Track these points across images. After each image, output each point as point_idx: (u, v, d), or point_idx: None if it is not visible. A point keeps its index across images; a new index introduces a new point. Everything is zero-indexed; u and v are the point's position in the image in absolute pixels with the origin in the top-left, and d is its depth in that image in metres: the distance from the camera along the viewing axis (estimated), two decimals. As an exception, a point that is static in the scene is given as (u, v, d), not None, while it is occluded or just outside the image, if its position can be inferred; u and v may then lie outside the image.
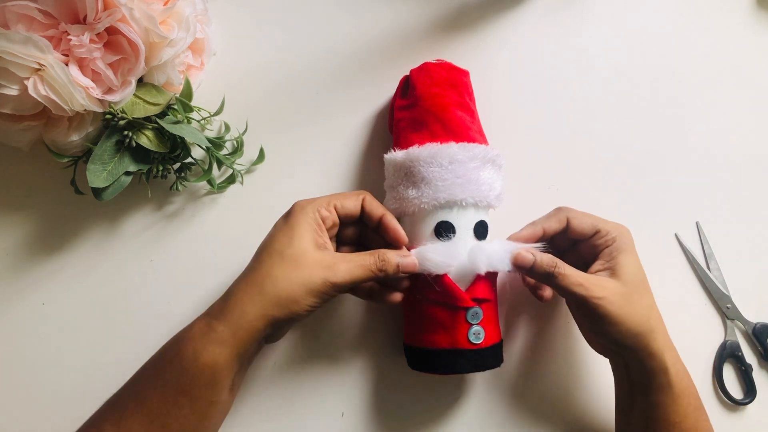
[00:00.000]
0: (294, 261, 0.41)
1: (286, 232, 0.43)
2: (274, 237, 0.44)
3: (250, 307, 0.40)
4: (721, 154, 0.59)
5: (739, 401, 0.56)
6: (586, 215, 0.49)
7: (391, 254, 0.45)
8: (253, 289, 0.41)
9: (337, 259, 0.43)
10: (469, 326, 0.47)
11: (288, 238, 0.42)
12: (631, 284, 0.45)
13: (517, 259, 0.45)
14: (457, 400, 0.55)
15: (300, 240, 0.42)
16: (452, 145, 0.47)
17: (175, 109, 0.51)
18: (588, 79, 0.59)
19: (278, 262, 0.41)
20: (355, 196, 0.47)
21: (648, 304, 0.46)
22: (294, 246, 0.42)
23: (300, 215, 0.44)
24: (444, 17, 0.58)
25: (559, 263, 0.45)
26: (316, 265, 0.42)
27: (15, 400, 0.52)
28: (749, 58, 0.60)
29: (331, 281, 0.42)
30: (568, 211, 0.49)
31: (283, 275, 0.41)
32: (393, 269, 0.45)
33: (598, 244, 0.48)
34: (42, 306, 0.53)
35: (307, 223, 0.43)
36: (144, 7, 0.46)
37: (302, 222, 0.43)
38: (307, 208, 0.44)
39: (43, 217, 0.54)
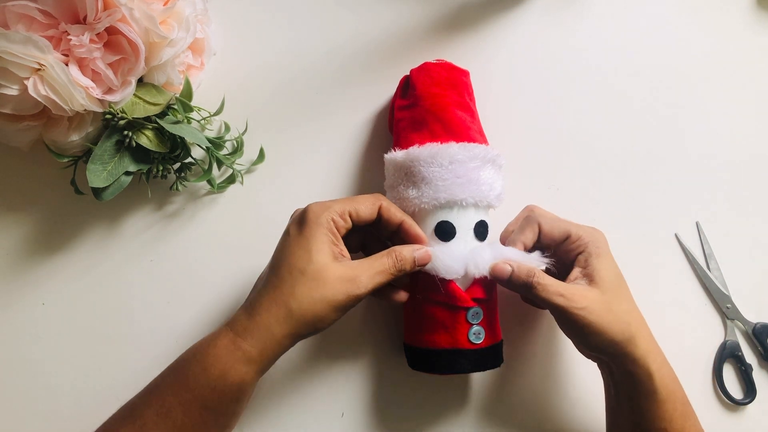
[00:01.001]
0: (316, 278, 0.41)
1: (303, 245, 0.42)
2: (291, 250, 0.43)
3: (277, 327, 0.40)
4: (721, 154, 0.59)
5: (739, 401, 0.56)
6: (556, 220, 0.48)
7: (406, 251, 0.45)
8: (279, 309, 0.41)
9: (356, 270, 0.43)
10: (470, 326, 0.47)
11: (306, 253, 0.42)
12: (610, 291, 0.45)
13: (495, 271, 0.45)
14: (457, 400, 0.55)
15: (318, 254, 0.42)
16: (452, 145, 0.47)
17: (175, 109, 0.51)
18: (588, 78, 0.59)
19: (300, 280, 0.41)
20: (370, 202, 0.46)
21: (627, 309, 0.46)
22: (314, 262, 0.41)
23: (315, 226, 0.43)
24: (444, 17, 0.58)
25: (538, 273, 0.44)
26: (338, 280, 0.41)
27: (15, 399, 0.52)
28: (749, 58, 0.60)
29: (354, 294, 0.42)
30: (538, 216, 0.48)
31: (307, 294, 0.41)
32: (411, 265, 0.45)
33: (570, 249, 0.47)
34: (42, 306, 0.53)
35: (324, 234, 0.43)
36: (144, 7, 0.46)
37: (318, 233, 0.42)
38: (321, 217, 0.43)
39: (43, 217, 0.54)
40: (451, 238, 0.47)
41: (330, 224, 0.43)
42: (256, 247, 0.55)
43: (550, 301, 0.44)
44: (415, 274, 0.48)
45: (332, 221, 0.43)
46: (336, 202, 0.45)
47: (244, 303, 0.44)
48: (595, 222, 0.57)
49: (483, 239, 0.49)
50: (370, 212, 0.45)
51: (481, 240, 0.48)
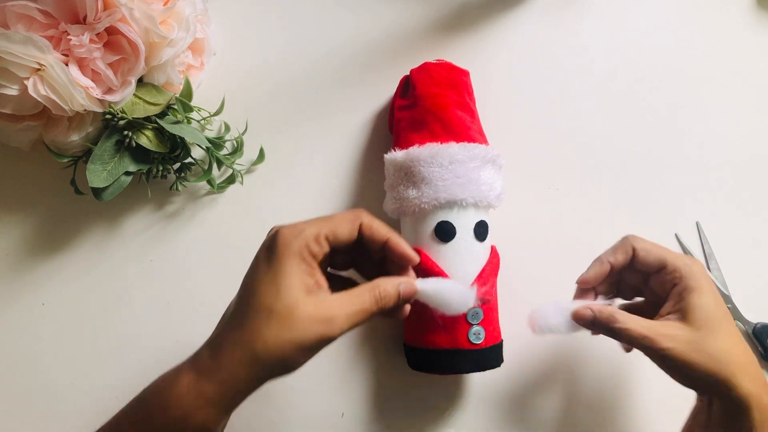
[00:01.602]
0: (285, 318, 0.36)
1: (272, 279, 0.37)
2: (259, 284, 0.37)
3: (241, 370, 0.36)
4: (721, 154, 0.59)
5: (739, 401, 0.56)
6: (654, 246, 0.45)
7: (389, 285, 0.39)
8: (243, 352, 0.36)
9: (332, 308, 0.37)
10: (470, 326, 0.47)
11: (275, 288, 0.36)
12: (705, 328, 0.41)
13: (577, 316, 0.43)
14: (457, 400, 0.55)
15: (288, 290, 0.36)
16: (452, 145, 0.47)
17: (175, 109, 0.51)
18: (588, 78, 0.59)
19: (266, 320, 0.36)
20: (349, 221, 0.40)
21: (726, 348, 0.41)
22: (282, 299, 0.36)
23: (286, 255, 0.37)
24: (444, 17, 0.58)
25: (618, 316, 0.42)
26: (310, 320, 0.36)
27: (15, 399, 0.52)
28: (749, 58, 0.60)
29: (328, 336, 0.37)
30: (634, 241, 0.45)
31: (274, 336, 0.36)
32: (395, 301, 0.40)
33: (666, 280, 0.44)
34: (42, 306, 0.53)
35: (295, 265, 0.37)
36: (144, 7, 0.46)
37: (289, 264, 0.37)
38: (292, 245, 0.37)
39: (43, 217, 0.54)
40: (451, 238, 0.47)
41: (303, 252, 0.37)
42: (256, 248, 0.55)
43: (635, 343, 0.41)
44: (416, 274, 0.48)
45: (306, 248, 0.38)
46: (310, 224, 0.39)
47: (210, 337, 0.39)
48: (595, 222, 0.57)
49: (483, 239, 0.49)
50: (349, 232, 0.39)
51: (480, 240, 0.48)
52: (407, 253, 0.40)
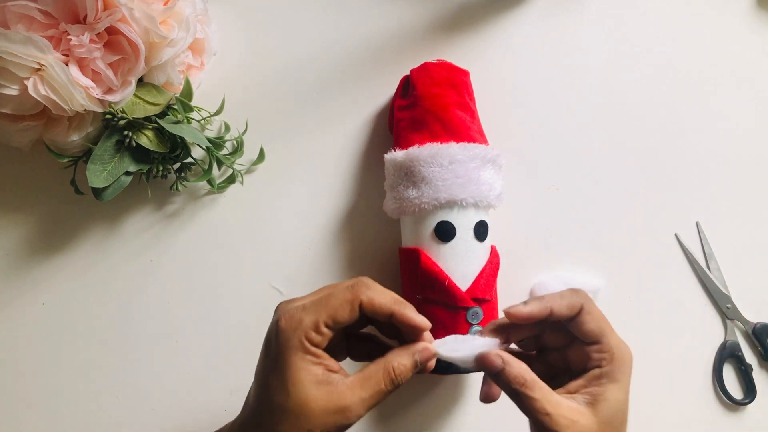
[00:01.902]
0: (299, 415, 0.35)
1: (278, 376, 0.36)
2: (268, 381, 0.36)
3: None
4: (721, 154, 0.59)
5: (739, 401, 0.56)
6: (600, 316, 0.40)
7: (404, 359, 0.37)
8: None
9: (344, 396, 0.36)
10: (469, 326, 0.47)
11: (283, 386, 0.35)
12: (609, 426, 0.38)
13: (484, 360, 0.38)
14: (457, 400, 0.55)
15: (296, 386, 0.35)
16: (452, 145, 0.47)
17: (175, 109, 0.51)
18: (588, 78, 0.59)
19: (282, 418, 0.35)
20: (347, 301, 0.37)
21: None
22: (292, 396, 0.35)
23: (287, 351, 0.36)
24: (444, 17, 0.58)
25: (529, 381, 0.37)
26: (323, 413, 0.35)
27: (15, 400, 0.52)
28: (749, 58, 0.60)
29: (346, 425, 0.36)
30: (586, 300, 0.40)
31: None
32: (411, 373, 0.38)
33: (591, 357, 0.39)
34: (42, 306, 0.53)
35: (298, 359, 0.36)
36: (144, 7, 0.46)
37: (292, 360, 0.36)
38: (292, 340, 0.36)
39: (43, 217, 0.54)
40: (451, 238, 0.47)
41: (304, 344, 0.36)
42: (256, 247, 0.55)
43: (533, 416, 0.38)
44: (415, 274, 0.48)
45: (306, 340, 0.36)
46: (307, 312, 0.36)
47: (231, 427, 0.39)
48: (595, 222, 0.57)
49: (483, 239, 0.49)
50: (349, 315, 0.37)
51: (480, 240, 0.48)
52: (417, 322, 0.38)
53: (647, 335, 0.57)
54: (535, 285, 0.56)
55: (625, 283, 0.57)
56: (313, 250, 0.55)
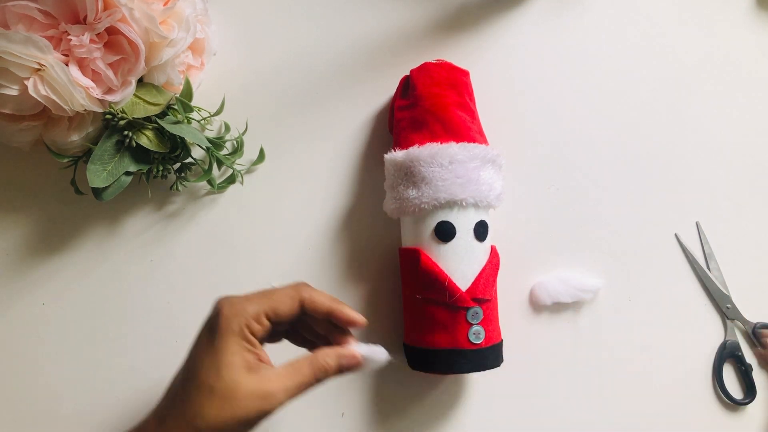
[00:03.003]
0: (225, 397, 0.38)
1: (212, 358, 0.38)
2: (201, 362, 0.39)
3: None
4: (721, 154, 0.59)
5: (739, 401, 0.56)
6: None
7: (330, 358, 0.41)
8: (187, 428, 0.37)
9: (271, 383, 0.39)
10: (469, 326, 0.47)
11: (215, 368, 0.38)
12: None
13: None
14: (457, 400, 0.55)
15: (228, 369, 0.38)
16: (452, 145, 0.47)
17: (175, 109, 0.51)
18: (588, 78, 0.59)
19: (208, 398, 0.37)
20: (289, 297, 0.41)
21: None
22: (223, 378, 0.38)
23: (226, 335, 0.39)
24: (444, 17, 0.58)
25: None
26: (250, 397, 0.38)
27: (15, 399, 0.52)
28: (749, 58, 0.60)
29: (267, 411, 0.39)
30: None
31: (216, 414, 0.37)
32: (334, 372, 0.41)
33: None
34: (42, 306, 0.53)
35: (235, 343, 0.39)
36: (144, 7, 0.46)
37: (229, 344, 0.38)
38: (232, 324, 0.39)
39: (43, 217, 0.54)
40: (451, 238, 0.47)
41: (243, 331, 0.39)
42: (256, 247, 0.55)
43: None
44: (415, 274, 0.48)
45: (246, 327, 0.39)
46: (251, 302, 0.40)
47: (157, 407, 0.40)
48: (595, 222, 0.57)
49: (483, 239, 0.49)
50: (289, 309, 0.40)
51: (480, 240, 0.48)
52: (353, 317, 0.42)
53: (647, 335, 0.57)
54: (535, 285, 0.56)
55: (625, 283, 0.57)
56: (313, 250, 0.55)
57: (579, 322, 0.56)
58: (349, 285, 0.55)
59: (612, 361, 0.56)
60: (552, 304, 0.55)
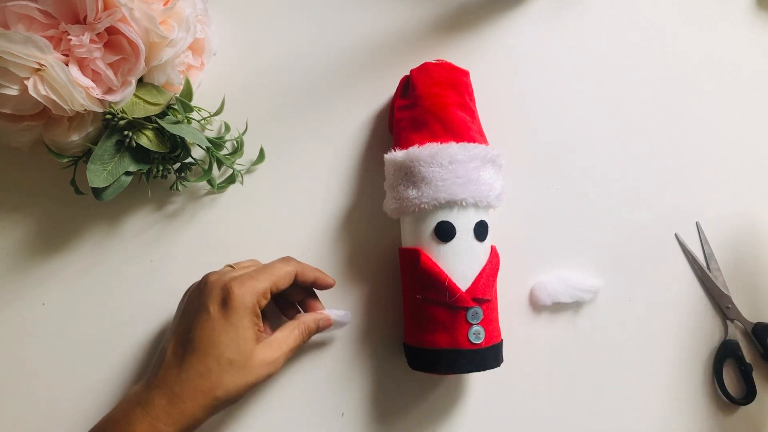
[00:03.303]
0: (244, 367, 0.43)
1: (231, 334, 0.43)
2: (218, 338, 0.43)
3: (202, 413, 0.42)
4: (721, 154, 0.59)
5: (739, 401, 0.56)
6: None
7: (310, 321, 0.49)
8: (206, 398, 0.42)
9: (275, 350, 0.45)
10: (469, 326, 0.47)
11: (234, 342, 0.43)
12: None
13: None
14: (457, 400, 0.55)
15: (246, 342, 0.43)
16: (452, 145, 0.47)
17: (175, 109, 0.51)
18: (588, 78, 0.59)
19: (229, 371, 0.42)
20: (286, 272, 0.47)
21: None
22: (242, 351, 0.43)
23: (242, 312, 0.43)
24: (444, 17, 0.58)
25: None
26: (261, 365, 0.44)
27: (15, 399, 0.52)
28: (749, 58, 0.60)
29: (273, 373, 0.45)
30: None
31: (235, 383, 0.43)
32: (314, 331, 0.49)
33: None
34: (42, 306, 0.53)
35: (249, 319, 0.44)
36: (144, 7, 0.46)
37: (245, 320, 0.44)
38: (247, 301, 0.44)
39: (43, 217, 0.54)
40: (451, 238, 0.47)
41: (255, 308, 0.44)
42: (256, 247, 0.55)
43: None
44: (415, 274, 0.48)
45: (258, 304, 0.44)
46: (258, 281, 0.45)
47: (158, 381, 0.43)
48: (595, 222, 0.57)
49: (483, 239, 0.49)
50: (288, 282, 0.47)
51: (480, 240, 0.48)
52: (330, 282, 0.51)
53: (647, 335, 0.57)
54: (535, 285, 0.56)
55: (625, 283, 0.57)
56: (313, 250, 0.55)
57: (579, 322, 0.56)
58: (349, 285, 0.55)
59: (612, 361, 0.56)
60: (552, 304, 0.55)
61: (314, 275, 0.50)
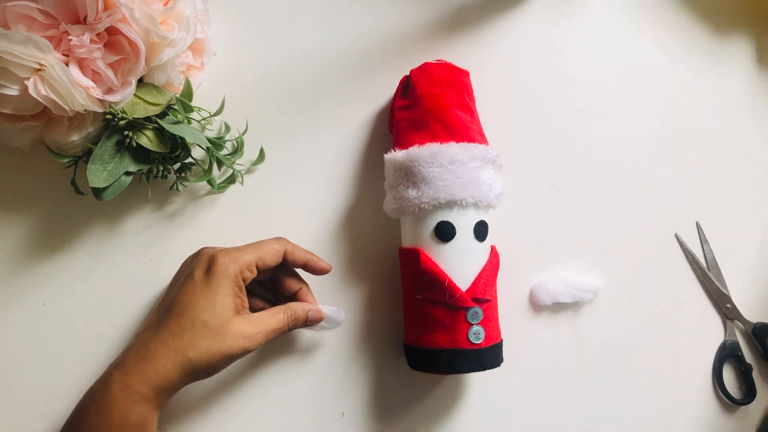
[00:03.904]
0: (218, 333, 0.43)
1: (209, 297, 0.43)
2: (196, 300, 0.44)
3: (174, 373, 0.42)
4: (721, 154, 0.59)
5: (739, 401, 0.56)
6: None
7: (300, 310, 0.48)
8: (177, 357, 0.42)
9: (254, 326, 0.45)
10: (469, 326, 0.47)
11: (211, 306, 0.43)
12: None
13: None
14: (457, 400, 0.55)
15: (223, 309, 0.44)
16: (452, 145, 0.47)
17: (176, 109, 0.51)
18: (588, 78, 0.59)
19: (202, 332, 0.43)
20: (275, 249, 0.47)
21: None
22: (218, 316, 0.43)
23: (223, 279, 0.44)
24: (444, 17, 0.58)
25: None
26: (237, 336, 0.44)
27: (15, 399, 0.52)
28: (751, 55, 0.60)
29: (249, 349, 0.44)
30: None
31: (207, 347, 0.43)
32: (302, 322, 0.49)
33: None
34: (42, 306, 0.53)
35: (230, 287, 0.44)
36: (144, 7, 0.46)
37: (225, 287, 0.44)
38: (229, 270, 0.44)
39: (43, 217, 0.54)
40: (451, 238, 0.47)
41: (237, 278, 0.45)
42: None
43: None
44: (415, 274, 0.48)
45: (240, 274, 0.45)
46: (244, 253, 0.46)
47: (135, 341, 0.44)
48: (595, 222, 0.57)
49: (482, 239, 0.49)
50: (276, 260, 0.47)
51: (480, 240, 0.48)
52: (324, 266, 0.50)
53: (647, 335, 0.57)
54: (535, 285, 0.56)
55: (625, 283, 0.57)
56: (313, 250, 0.55)
57: (579, 322, 0.56)
58: (349, 285, 0.55)
59: (612, 361, 0.56)
60: (552, 304, 0.55)
61: (306, 257, 0.49)
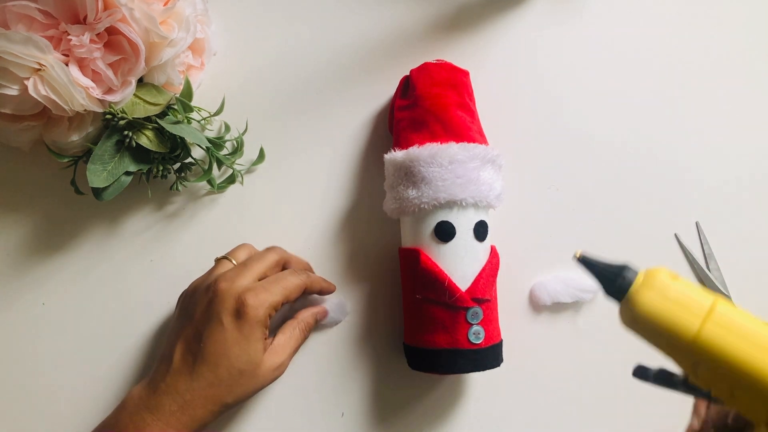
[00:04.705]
0: (253, 376, 0.45)
1: (243, 346, 0.44)
2: (230, 349, 0.44)
3: (210, 417, 0.44)
4: (721, 154, 0.59)
5: (739, 401, 0.56)
6: None
7: (307, 316, 0.51)
8: (215, 405, 0.44)
9: (279, 354, 0.47)
10: (469, 326, 0.47)
11: (245, 354, 0.44)
12: None
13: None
14: (457, 400, 0.55)
15: (255, 353, 0.45)
16: (452, 145, 0.47)
17: (175, 109, 0.51)
18: (588, 78, 0.59)
19: (239, 380, 0.44)
20: (299, 287, 0.48)
21: None
22: (252, 362, 0.44)
23: (254, 324, 0.44)
24: (444, 17, 0.58)
25: None
26: (268, 371, 0.46)
27: (15, 399, 0.52)
28: (751, 57, 0.60)
29: (279, 376, 0.47)
30: None
31: (244, 391, 0.44)
32: (314, 325, 0.52)
33: None
34: (42, 306, 0.53)
35: (261, 332, 0.45)
36: (144, 7, 0.46)
37: (256, 332, 0.45)
38: (260, 314, 0.44)
39: (43, 217, 0.54)
40: (451, 238, 0.47)
41: (266, 320, 0.45)
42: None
43: None
44: (415, 274, 0.48)
45: (269, 317, 0.45)
46: (271, 294, 0.45)
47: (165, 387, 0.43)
48: (594, 222, 0.57)
49: (482, 239, 0.49)
50: (298, 295, 0.48)
51: (480, 240, 0.48)
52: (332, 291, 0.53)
53: (647, 335, 0.57)
54: (535, 285, 0.56)
55: (625, 283, 0.57)
56: (313, 250, 0.55)
57: (579, 322, 0.56)
58: (349, 285, 0.55)
59: (612, 361, 0.56)
60: (552, 304, 0.55)
61: (320, 286, 0.51)
